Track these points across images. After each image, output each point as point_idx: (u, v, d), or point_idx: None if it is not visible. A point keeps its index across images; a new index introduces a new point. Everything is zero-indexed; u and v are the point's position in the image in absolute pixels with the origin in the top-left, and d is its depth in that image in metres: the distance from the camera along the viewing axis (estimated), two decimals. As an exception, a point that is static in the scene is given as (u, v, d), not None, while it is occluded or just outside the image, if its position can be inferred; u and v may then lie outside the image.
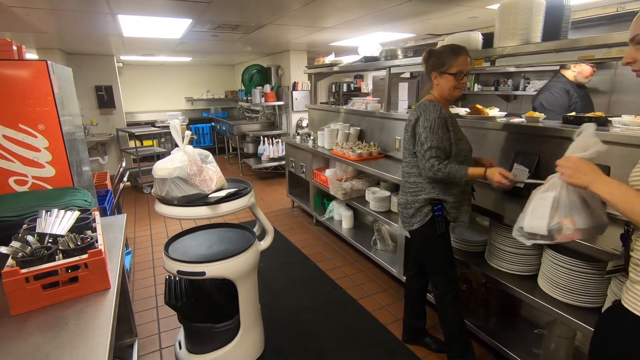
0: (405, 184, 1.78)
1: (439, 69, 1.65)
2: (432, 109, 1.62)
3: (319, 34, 4.20)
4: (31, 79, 1.67)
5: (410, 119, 1.70)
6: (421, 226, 1.71)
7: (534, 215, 1.05)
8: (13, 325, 1.01)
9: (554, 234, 1.02)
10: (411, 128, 1.68)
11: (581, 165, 0.88)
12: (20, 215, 1.46)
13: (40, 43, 4.58)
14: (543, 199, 1.03)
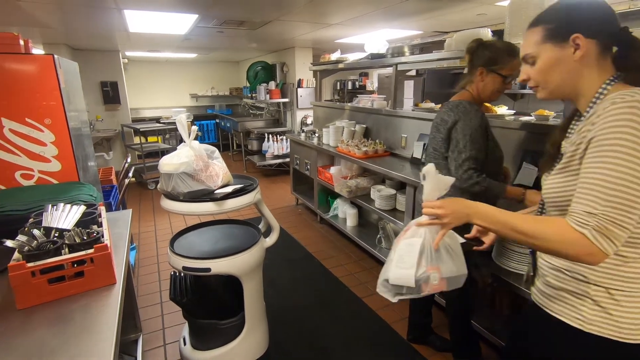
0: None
1: (490, 66, 1.48)
2: (474, 114, 1.49)
3: (324, 30, 4.17)
4: (38, 73, 1.67)
5: (445, 119, 1.57)
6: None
7: (401, 265, 0.94)
8: (19, 319, 1.01)
9: (421, 284, 0.94)
10: (446, 130, 1.55)
11: (452, 204, 0.86)
12: (26, 209, 1.46)
13: (47, 38, 4.59)
14: (410, 246, 0.94)
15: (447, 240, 0.95)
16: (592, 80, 0.80)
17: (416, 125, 3.00)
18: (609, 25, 0.79)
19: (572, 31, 0.78)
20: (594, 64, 0.79)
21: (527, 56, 0.87)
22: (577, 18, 0.79)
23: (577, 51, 0.78)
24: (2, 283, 1.19)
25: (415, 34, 4.57)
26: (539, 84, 0.86)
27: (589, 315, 0.79)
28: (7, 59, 1.61)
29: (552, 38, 0.81)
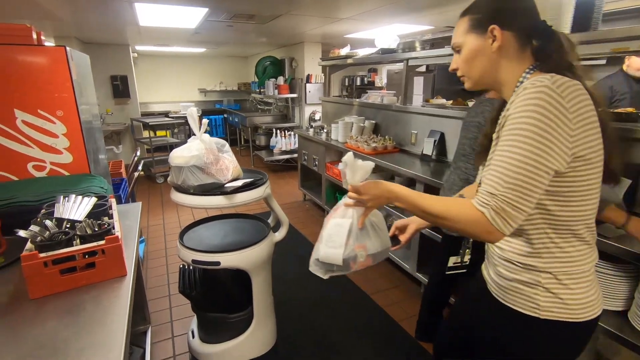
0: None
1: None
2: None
3: (334, 25, 4.13)
4: (50, 64, 1.67)
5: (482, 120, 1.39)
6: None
7: (330, 244, 0.98)
8: (31, 309, 1.02)
9: (350, 262, 0.98)
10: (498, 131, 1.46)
11: (373, 189, 0.90)
12: (38, 200, 1.47)
13: (58, 31, 4.62)
14: (339, 226, 0.98)
15: (371, 217, 1.00)
16: (512, 70, 0.83)
17: (426, 121, 2.96)
18: (527, 19, 0.82)
19: (491, 22, 0.81)
20: (513, 54, 0.82)
21: (455, 45, 0.90)
22: (497, 10, 0.81)
23: (494, 42, 0.81)
24: (15, 273, 1.20)
25: (427, 29, 4.51)
26: (465, 74, 0.90)
27: (543, 303, 0.82)
28: (20, 51, 1.62)
29: (475, 28, 0.84)
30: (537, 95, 0.70)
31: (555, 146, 0.71)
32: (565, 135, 0.71)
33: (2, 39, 1.61)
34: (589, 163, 0.75)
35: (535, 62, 0.82)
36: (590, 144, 0.74)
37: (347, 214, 0.99)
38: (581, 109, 0.72)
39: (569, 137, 0.71)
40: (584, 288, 0.83)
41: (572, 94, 0.71)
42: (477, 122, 1.55)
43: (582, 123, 0.72)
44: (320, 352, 1.98)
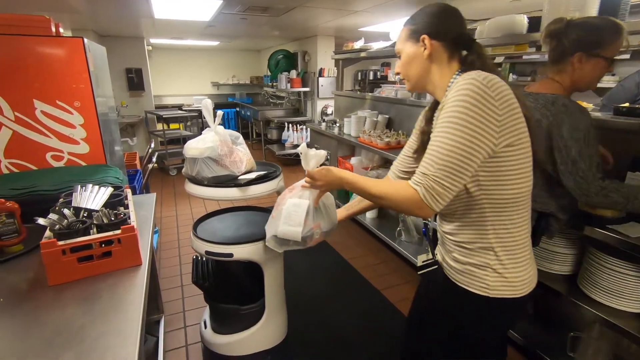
0: None
1: (591, 50, 1.21)
2: (579, 112, 1.21)
3: (349, 18, 4.08)
4: (68, 55, 1.69)
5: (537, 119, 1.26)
6: None
7: (289, 222, 1.09)
8: (50, 295, 1.04)
9: (307, 239, 1.12)
10: (544, 130, 1.25)
11: (326, 176, 1.01)
12: (57, 190, 1.50)
13: (75, 24, 4.68)
14: (298, 207, 1.09)
15: (323, 199, 1.13)
16: (442, 74, 0.94)
17: (441, 116, 2.91)
18: (454, 32, 0.93)
19: (422, 33, 0.93)
20: (442, 61, 0.94)
21: (396, 51, 1.02)
22: (429, 23, 0.93)
23: (425, 50, 0.93)
24: (34, 260, 1.22)
25: (443, 22, 4.41)
26: (404, 77, 1.02)
27: (492, 283, 0.92)
28: (39, 42, 1.64)
29: (411, 37, 0.96)
30: (466, 87, 0.80)
31: (483, 131, 0.79)
32: (493, 120, 0.79)
33: (22, 29, 1.63)
34: (519, 147, 0.84)
35: (462, 67, 0.94)
36: (518, 129, 0.83)
37: (304, 194, 1.10)
38: (505, 97, 0.80)
39: (497, 122, 0.79)
40: (523, 266, 0.93)
41: (496, 84, 0.80)
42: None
43: (508, 109, 0.80)
44: (330, 347, 1.98)
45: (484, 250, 0.92)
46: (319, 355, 1.93)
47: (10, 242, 1.25)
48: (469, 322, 1.00)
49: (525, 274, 0.94)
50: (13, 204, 1.26)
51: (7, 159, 1.68)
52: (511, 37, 2.01)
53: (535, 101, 1.32)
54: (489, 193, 0.87)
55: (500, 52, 2.14)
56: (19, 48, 1.61)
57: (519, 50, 2.03)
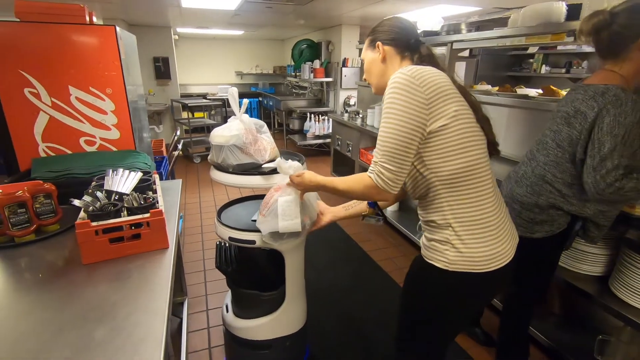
0: (543, 185, 1.38)
1: None
2: (630, 106, 1.13)
3: (375, 6, 4.00)
4: (101, 43, 1.74)
5: (583, 111, 1.22)
6: (546, 237, 1.41)
7: (286, 218, 1.19)
8: (84, 273, 1.09)
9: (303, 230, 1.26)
10: (586, 125, 1.20)
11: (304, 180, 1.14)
12: (90, 173, 1.56)
13: (106, 13, 4.81)
14: (291, 202, 1.19)
15: (306, 195, 1.26)
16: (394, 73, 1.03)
17: (469, 108, 2.82)
18: (402, 37, 1.07)
19: (377, 40, 1.09)
20: (395, 63, 1.08)
21: (362, 59, 1.16)
22: (382, 32, 1.09)
23: (379, 54, 1.09)
24: (70, 239, 1.29)
25: (473, 10, 4.26)
26: (368, 80, 1.16)
27: (451, 257, 0.98)
28: (74, 30, 1.69)
29: (370, 45, 1.12)
30: (394, 80, 0.93)
31: (412, 115, 0.90)
32: (419, 105, 0.90)
33: (59, 18, 1.69)
34: (456, 127, 0.92)
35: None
36: (454, 111, 0.92)
37: (291, 192, 1.21)
38: (431, 84, 0.91)
39: (424, 106, 0.90)
40: (486, 242, 0.97)
41: (421, 74, 0.91)
42: (565, 112, 1.31)
43: (435, 95, 0.91)
44: (347, 337, 2.00)
45: (444, 227, 0.99)
46: (336, 344, 1.95)
47: (48, 222, 1.32)
48: (435, 294, 1.06)
49: (488, 250, 0.97)
50: (50, 186, 1.32)
51: (44, 142, 1.76)
52: (548, 25, 1.91)
53: (584, 93, 1.25)
54: (435, 170, 0.95)
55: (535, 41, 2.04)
56: (56, 36, 1.66)
57: (556, 40, 1.93)
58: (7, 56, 1.61)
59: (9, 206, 1.19)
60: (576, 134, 1.25)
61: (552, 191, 1.36)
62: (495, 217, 0.99)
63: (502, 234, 1.00)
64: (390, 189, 0.94)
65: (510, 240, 1.03)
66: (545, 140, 1.41)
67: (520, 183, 1.47)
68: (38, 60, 1.66)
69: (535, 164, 1.44)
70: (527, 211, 1.43)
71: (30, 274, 1.09)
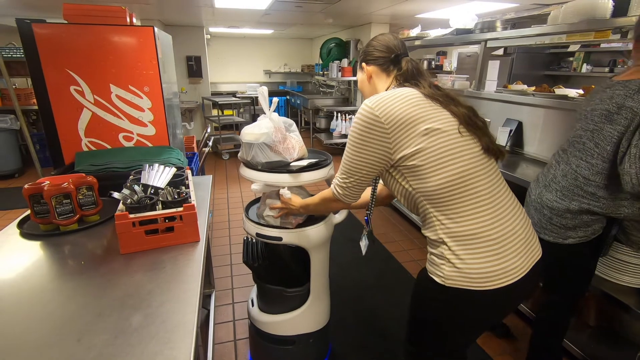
0: (575, 189, 1.33)
1: None
2: None
3: (405, 4, 3.94)
4: (140, 43, 1.82)
5: (629, 106, 1.17)
6: (580, 243, 1.34)
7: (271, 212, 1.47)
8: (122, 262, 1.15)
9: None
10: (636, 121, 1.15)
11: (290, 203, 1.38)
12: (127, 167, 1.64)
13: (143, 14, 5.02)
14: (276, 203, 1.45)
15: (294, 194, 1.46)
16: (383, 87, 1.15)
17: (502, 108, 2.73)
18: (384, 54, 1.13)
19: (361, 62, 1.20)
20: (381, 78, 1.16)
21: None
22: (366, 52, 1.18)
23: (365, 73, 1.19)
24: (109, 229, 1.36)
25: (509, 7, 4.10)
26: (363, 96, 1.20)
27: (447, 272, 0.96)
28: (116, 31, 1.79)
29: (359, 67, 1.23)
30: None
31: (370, 149, 0.98)
32: (378, 137, 0.96)
33: (102, 19, 1.79)
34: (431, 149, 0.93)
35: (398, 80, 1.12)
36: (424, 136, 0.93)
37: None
38: (395, 113, 0.94)
39: (386, 136, 0.95)
40: (484, 259, 0.93)
41: (385, 105, 0.96)
42: (605, 109, 1.24)
43: (398, 125, 0.94)
44: (370, 337, 1.99)
45: (438, 242, 0.99)
46: (358, 343, 1.95)
47: (89, 212, 1.40)
48: (435, 307, 1.06)
49: (487, 267, 0.93)
50: (92, 179, 1.40)
51: (87, 137, 1.87)
52: (591, 22, 1.82)
53: (625, 89, 1.20)
54: (418, 189, 0.98)
55: (577, 39, 1.94)
56: (99, 36, 1.76)
57: (600, 38, 1.83)
58: (56, 56, 1.72)
59: (56, 197, 1.27)
60: (621, 129, 1.19)
61: (584, 195, 1.31)
62: (497, 231, 0.94)
63: (509, 248, 0.94)
64: (345, 199, 1.10)
65: (523, 254, 0.96)
66: (580, 141, 1.34)
67: (550, 188, 1.41)
68: (83, 59, 1.76)
69: (565, 167, 1.38)
70: (558, 217, 1.37)
71: (73, 260, 1.16)
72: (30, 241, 1.27)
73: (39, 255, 1.19)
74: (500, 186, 0.99)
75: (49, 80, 1.74)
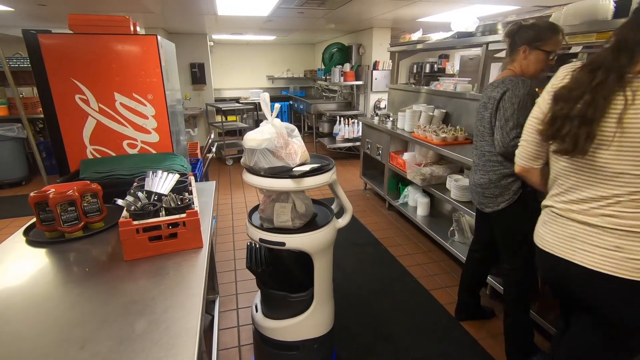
0: (487, 163, 1.72)
1: (533, 43, 1.57)
2: (521, 84, 1.55)
3: (407, 8, 3.96)
4: (144, 52, 1.84)
5: (492, 96, 1.64)
6: (510, 204, 1.65)
7: (280, 218, 1.48)
8: (126, 268, 1.16)
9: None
10: (495, 103, 1.62)
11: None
12: (131, 174, 1.65)
13: (147, 23, 5.09)
14: (284, 207, 1.48)
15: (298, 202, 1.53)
16: None
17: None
18: None
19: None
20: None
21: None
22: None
23: None
24: (113, 236, 1.37)
25: (511, 9, 4.10)
26: None
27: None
28: (120, 40, 1.81)
29: None
30: None
31: None
32: None
33: (107, 29, 1.82)
34: None
35: None
36: None
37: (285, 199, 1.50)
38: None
39: None
40: None
41: None
42: (483, 102, 1.73)
43: None
44: (374, 341, 1.98)
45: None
46: (363, 349, 1.94)
47: (94, 220, 1.41)
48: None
49: None
50: (97, 186, 1.41)
51: (91, 145, 1.89)
52: (593, 24, 1.81)
53: (491, 86, 1.70)
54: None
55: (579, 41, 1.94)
56: (104, 45, 1.79)
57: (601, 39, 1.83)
58: (61, 65, 1.75)
59: (61, 204, 1.29)
60: (491, 112, 1.66)
61: (494, 165, 1.68)
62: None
63: None
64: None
65: None
66: (477, 128, 1.78)
67: (475, 170, 1.81)
68: (88, 68, 1.79)
69: (476, 150, 1.81)
70: (487, 189, 1.72)
71: (78, 267, 1.17)
72: (35, 248, 1.29)
73: (44, 263, 1.20)
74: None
75: (54, 90, 1.77)
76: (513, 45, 1.65)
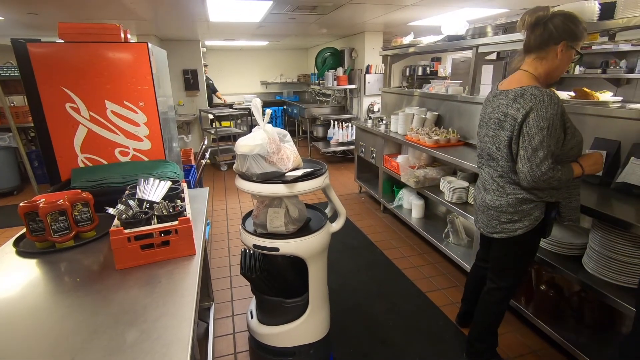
0: (506, 185, 1.47)
1: (573, 40, 1.30)
2: (548, 102, 1.26)
3: (398, 12, 3.99)
4: (134, 59, 1.84)
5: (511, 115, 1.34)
6: (528, 232, 1.45)
7: (274, 224, 1.48)
8: (117, 278, 1.15)
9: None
10: (516, 126, 1.32)
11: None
12: (123, 182, 1.64)
13: (139, 30, 5.08)
14: (277, 213, 1.48)
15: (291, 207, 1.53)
16: None
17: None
18: None
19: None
20: None
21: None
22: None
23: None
24: (105, 245, 1.36)
25: (500, 12, 4.16)
26: None
27: None
28: (111, 48, 1.81)
29: None
30: None
31: None
32: None
33: (97, 37, 1.81)
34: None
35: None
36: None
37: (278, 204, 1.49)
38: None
39: None
40: None
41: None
42: (497, 118, 1.43)
43: None
44: (371, 345, 1.97)
45: None
46: (360, 353, 1.93)
47: (85, 229, 1.40)
48: None
49: None
50: (88, 195, 1.40)
51: (83, 154, 1.88)
52: (579, 26, 1.84)
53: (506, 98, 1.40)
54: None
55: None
56: (94, 54, 1.78)
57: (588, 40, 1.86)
58: (51, 74, 1.74)
59: (51, 214, 1.27)
60: (509, 134, 1.37)
61: (515, 187, 1.45)
62: None
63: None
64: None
65: None
66: (486, 146, 1.51)
67: (487, 190, 1.56)
68: (78, 77, 1.78)
69: (488, 169, 1.55)
70: (503, 213, 1.49)
71: (69, 277, 1.16)
72: (26, 259, 1.27)
73: (34, 274, 1.19)
74: None
75: (44, 98, 1.76)
76: (544, 39, 1.32)
